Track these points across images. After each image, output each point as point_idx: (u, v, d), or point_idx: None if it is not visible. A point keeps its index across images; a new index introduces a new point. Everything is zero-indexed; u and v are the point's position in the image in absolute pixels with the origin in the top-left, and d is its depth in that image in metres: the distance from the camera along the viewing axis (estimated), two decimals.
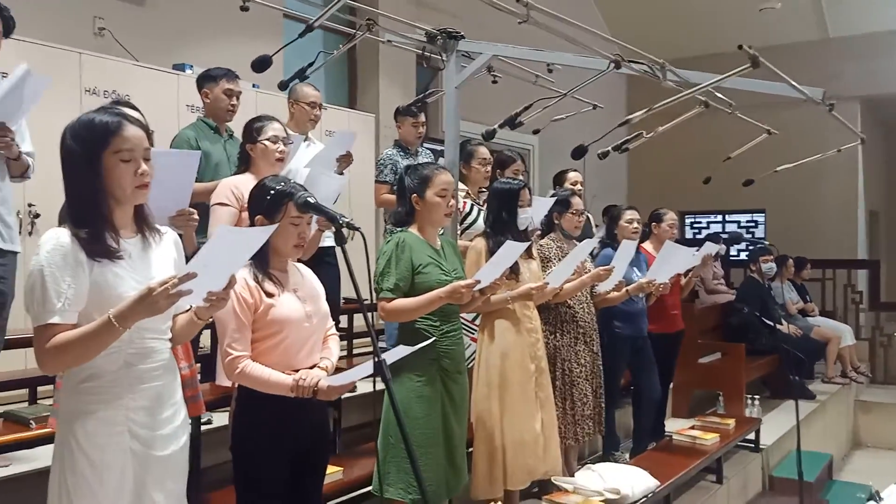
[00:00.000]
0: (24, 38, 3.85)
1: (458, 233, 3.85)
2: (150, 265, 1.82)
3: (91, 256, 1.72)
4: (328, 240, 3.44)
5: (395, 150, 4.55)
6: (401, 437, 2.17)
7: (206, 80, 3.72)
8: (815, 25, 9.89)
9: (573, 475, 3.60)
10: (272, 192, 2.27)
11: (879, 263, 9.58)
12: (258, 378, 2.18)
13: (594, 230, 5.65)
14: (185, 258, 1.96)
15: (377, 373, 1.83)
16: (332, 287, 3.83)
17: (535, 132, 5.68)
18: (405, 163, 4.46)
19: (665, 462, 4.08)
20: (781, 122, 5.30)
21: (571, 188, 5.19)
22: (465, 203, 3.99)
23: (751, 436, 5.15)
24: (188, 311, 1.91)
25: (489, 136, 3.62)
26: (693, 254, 4.58)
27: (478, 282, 2.76)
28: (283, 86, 3.55)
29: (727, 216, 11.31)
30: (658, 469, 3.81)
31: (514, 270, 3.20)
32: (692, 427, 4.73)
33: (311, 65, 3.48)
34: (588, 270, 3.68)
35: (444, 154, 3.63)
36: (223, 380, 2.73)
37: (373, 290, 2.72)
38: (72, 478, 1.74)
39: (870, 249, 10.89)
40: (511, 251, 2.87)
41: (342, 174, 3.89)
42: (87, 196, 1.75)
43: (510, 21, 3.31)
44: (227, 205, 2.98)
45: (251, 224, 2.32)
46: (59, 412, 1.81)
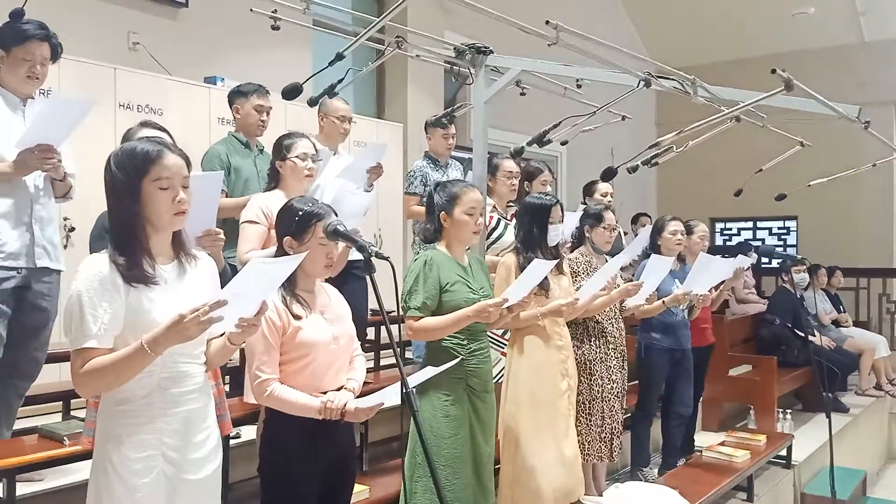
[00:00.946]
0: (64, 56, 3.92)
1: (485, 247, 3.84)
2: (186, 291, 1.85)
3: (127, 281, 1.76)
4: (356, 252, 3.45)
5: (426, 162, 4.56)
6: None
7: (237, 96, 3.77)
8: (850, 29, 9.72)
9: (601, 493, 3.57)
10: (300, 214, 2.28)
11: None
12: (287, 401, 2.19)
13: (623, 241, 5.61)
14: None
15: (405, 403, 1.83)
16: (360, 299, 3.86)
17: (563, 143, 5.65)
18: (435, 175, 4.48)
19: (695, 479, 4.03)
20: (815, 134, 5.18)
21: (601, 199, 5.18)
22: (492, 217, 3.98)
23: (782, 452, 5.06)
24: (222, 337, 1.94)
25: (517, 154, 3.61)
26: (729, 263, 4.53)
27: (505, 300, 2.76)
28: (313, 102, 3.57)
29: (758, 223, 11.16)
30: (688, 487, 3.76)
31: (544, 286, 3.18)
32: (722, 443, 4.67)
33: (341, 81, 3.50)
34: (617, 285, 3.65)
35: (472, 168, 3.63)
36: (251, 398, 2.75)
37: (400, 309, 2.72)
38: (108, 499, 1.78)
39: None
40: (539, 269, 2.85)
41: (372, 186, 3.91)
42: (128, 222, 1.80)
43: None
44: (257, 223, 3.02)
45: (279, 243, 2.34)
46: (96, 433, 1.85)
